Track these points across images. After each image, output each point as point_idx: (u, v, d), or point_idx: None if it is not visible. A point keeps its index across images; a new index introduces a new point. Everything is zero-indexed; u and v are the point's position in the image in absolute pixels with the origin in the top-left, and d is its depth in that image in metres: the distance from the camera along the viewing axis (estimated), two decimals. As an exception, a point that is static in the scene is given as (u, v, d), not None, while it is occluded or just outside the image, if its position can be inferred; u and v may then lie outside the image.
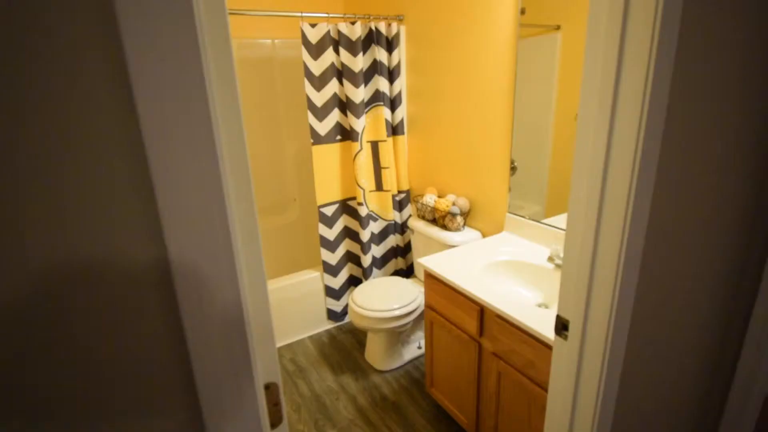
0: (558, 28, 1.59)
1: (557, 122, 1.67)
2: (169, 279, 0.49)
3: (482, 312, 1.48)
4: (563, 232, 1.70)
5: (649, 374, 1.01)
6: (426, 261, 1.70)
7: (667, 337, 1.00)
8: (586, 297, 0.92)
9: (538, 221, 1.81)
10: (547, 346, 1.23)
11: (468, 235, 2.07)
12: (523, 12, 1.71)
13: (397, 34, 2.32)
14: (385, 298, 2.11)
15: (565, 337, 0.98)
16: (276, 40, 2.69)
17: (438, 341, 1.76)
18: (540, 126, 1.74)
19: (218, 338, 0.54)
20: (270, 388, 0.66)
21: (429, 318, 1.77)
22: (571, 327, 0.96)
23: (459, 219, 2.09)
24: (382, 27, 2.25)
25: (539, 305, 1.59)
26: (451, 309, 1.61)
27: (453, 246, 2.05)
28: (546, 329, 1.24)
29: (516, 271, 1.70)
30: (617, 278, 0.86)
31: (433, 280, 1.68)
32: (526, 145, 1.82)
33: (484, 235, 2.12)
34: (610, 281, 0.87)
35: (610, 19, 0.75)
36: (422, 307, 2.15)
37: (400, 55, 2.37)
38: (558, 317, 0.99)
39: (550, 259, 1.65)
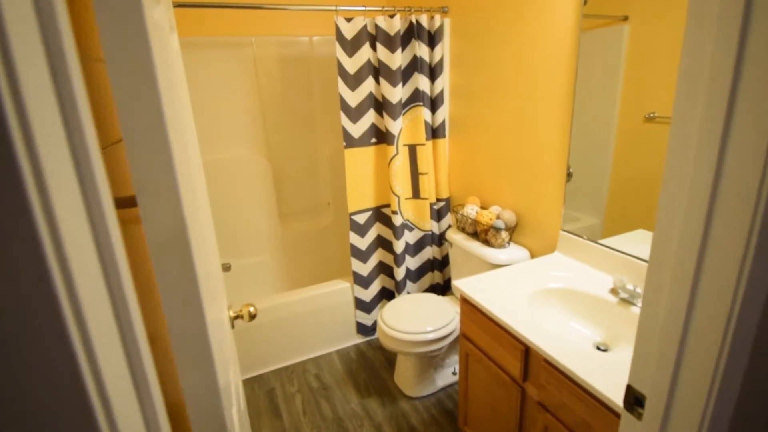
0: (625, 18, 1.36)
1: (622, 124, 1.43)
2: None
3: (527, 352, 1.24)
4: (632, 259, 1.43)
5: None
6: (463, 284, 1.49)
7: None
8: (673, 367, 0.68)
9: (598, 243, 1.54)
10: (609, 408, 0.98)
11: (514, 253, 1.83)
12: (585, 1, 1.46)
13: (441, 28, 2.11)
14: (418, 318, 1.91)
15: (639, 416, 0.74)
16: (314, 37, 2.56)
17: (474, 377, 1.54)
18: (601, 128, 1.49)
19: None
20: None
21: (464, 349, 1.55)
22: (647, 405, 0.72)
23: (504, 234, 1.85)
24: (424, 20, 2.05)
25: (597, 346, 1.33)
26: (490, 344, 1.39)
27: (496, 265, 1.81)
28: (607, 386, 1.00)
29: (570, 302, 1.45)
30: (723, 346, 0.62)
31: (470, 307, 1.46)
32: (583, 149, 1.56)
33: (532, 255, 1.87)
34: (712, 350, 0.63)
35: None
36: (459, 331, 1.94)
37: (444, 50, 2.16)
38: (629, 388, 0.75)
39: (614, 291, 1.38)
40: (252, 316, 1.09)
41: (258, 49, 2.44)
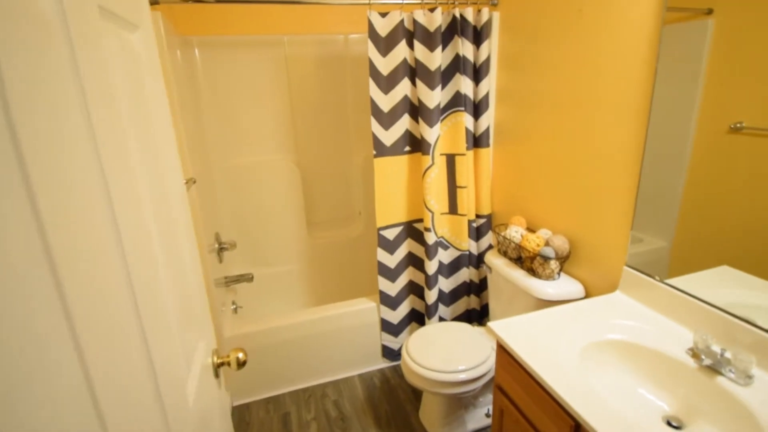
0: (709, 12, 1.12)
1: (700, 134, 1.16)
2: None
3: (578, 429, 0.99)
4: (720, 313, 1.13)
5: None
6: (499, 328, 1.25)
7: None
8: None
9: (676, 288, 1.25)
10: None
11: (564, 287, 1.55)
12: (670, -9, 1.19)
13: (488, 23, 1.86)
14: (449, 353, 1.68)
15: None
16: (351, 35, 2.38)
17: (509, 437, 1.29)
18: (675, 137, 1.22)
19: None
20: None
21: (499, 402, 1.31)
22: None
23: (553, 264, 1.58)
24: (469, 14, 1.81)
25: (668, 420, 1.05)
26: (530, 406, 1.14)
27: (541, 300, 1.55)
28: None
29: (634, 360, 1.17)
30: None
31: (507, 357, 1.22)
32: (652, 159, 1.29)
33: (587, 291, 1.58)
34: None
35: None
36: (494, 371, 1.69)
37: (491, 48, 1.90)
38: None
39: (694, 354, 1.09)
40: (241, 364, 0.92)
41: (290, 49, 2.30)
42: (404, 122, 1.92)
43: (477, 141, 2.01)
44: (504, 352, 1.23)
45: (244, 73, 2.27)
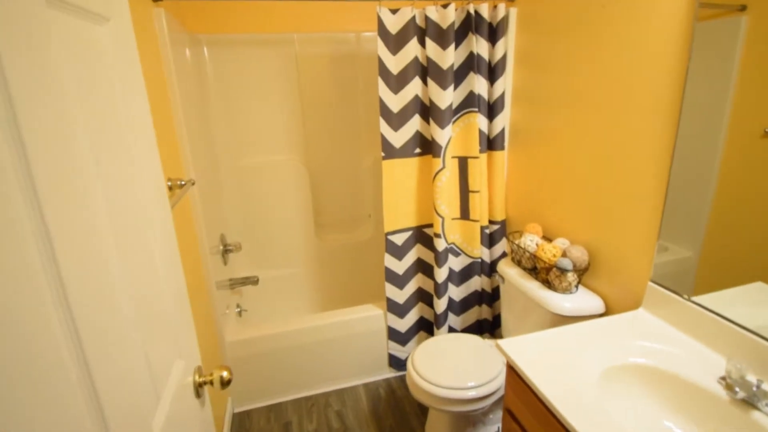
0: (743, 9, 1.03)
1: (732, 137, 1.06)
2: None
3: (595, 466, 0.89)
4: (756, 339, 1.01)
5: None
6: (509, 347, 1.15)
7: None
8: None
9: (703, 306, 1.13)
10: None
11: (582, 301, 1.45)
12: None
13: (505, 19, 1.76)
14: (457, 368, 1.59)
15: None
16: (363, 33, 2.31)
17: (518, 464, 1.20)
18: (704, 140, 1.12)
19: None
20: None
21: (508, 428, 1.22)
22: None
23: (570, 277, 1.48)
24: (485, 10, 1.72)
25: (700, 459, 0.94)
26: (541, 434, 1.05)
27: (557, 314, 1.45)
28: None
29: (659, 387, 1.06)
30: None
31: (517, 380, 1.12)
32: (679, 162, 1.18)
33: (607, 307, 1.47)
34: None
35: None
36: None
37: (507, 46, 1.81)
38: None
39: (727, 385, 0.98)
40: (225, 383, 0.86)
41: (300, 47, 2.24)
42: (415, 123, 1.84)
43: (491, 143, 1.91)
44: (514, 374, 1.13)
45: (253, 72, 2.22)
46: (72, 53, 0.49)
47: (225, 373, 0.86)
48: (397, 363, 2.14)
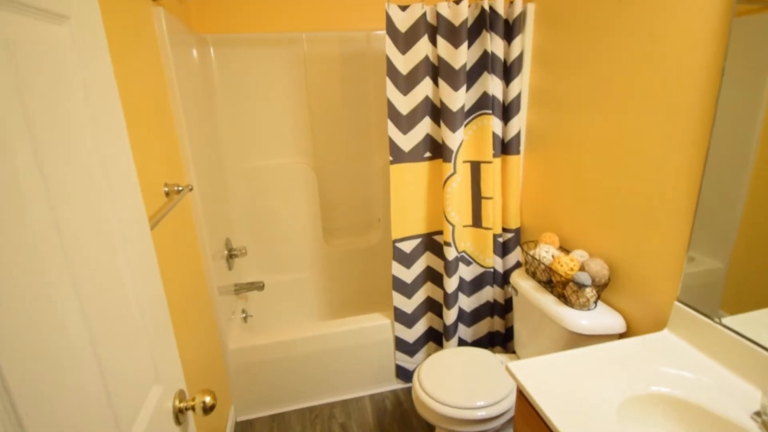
0: None
1: (765, 143, 0.94)
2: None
3: None
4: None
5: None
6: (520, 371, 1.06)
7: None
8: None
9: (735, 332, 1.02)
10: None
11: (601, 319, 1.34)
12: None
13: (522, 16, 1.67)
14: (466, 386, 1.51)
15: None
16: (374, 32, 2.24)
17: (529, 497, 1.11)
18: (735, 146, 1.00)
19: None
20: None
21: (517, 457, 1.13)
22: None
23: (589, 292, 1.37)
24: (500, 6, 1.62)
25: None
26: (553, 470, 0.96)
27: (574, 332, 1.35)
28: None
29: (686, 421, 0.96)
30: None
31: (527, 407, 1.03)
32: (712, 174, 1.07)
33: (629, 326, 1.37)
34: None
35: None
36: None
37: (524, 44, 1.71)
38: None
39: (763, 423, 0.87)
40: (208, 408, 0.80)
41: (309, 47, 2.18)
42: (425, 126, 1.76)
43: (506, 147, 1.81)
44: (524, 400, 1.05)
45: (260, 73, 2.17)
46: (18, 58, 0.43)
47: (208, 399, 0.80)
48: (405, 374, 2.06)
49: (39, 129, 0.46)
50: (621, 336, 1.37)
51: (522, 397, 1.06)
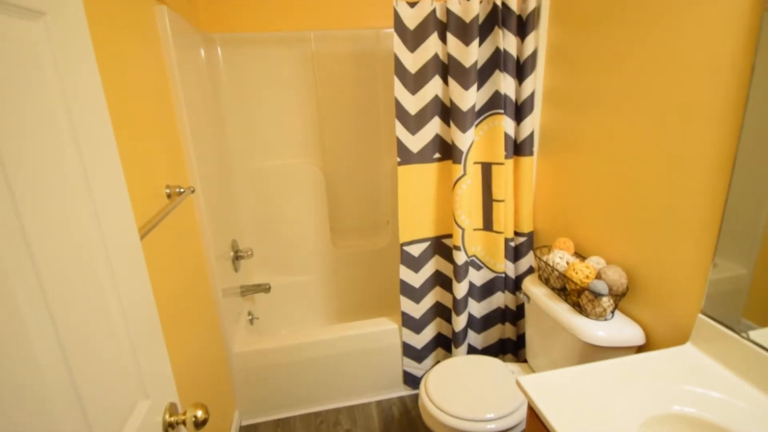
0: None
1: None
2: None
3: None
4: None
5: None
6: (531, 385, 1.01)
7: None
8: None
9: (764, 347, 0.95)
10: None
11: (619, 330, 1.27)
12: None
13: (536, 11, 1.60)
14: (475, 397, 1.45)
15: None
16: (383, 30, 2.19)
17: None
18: (759, 146, 0.93)
19: None
20: None
21: (528, 476, 1.07)
22: None
23: (605, 302, 1.30)
24: (513, 1, 1.56)
25: None
26: (566, 493, 0.89)
27: (589, 343, 1.28)
28: None
29: (713, 447, 0.89)
30: None
31: (539, 425, 0.97)
32: (739, 180, 1.00)
33: (648, 339, 1.29)
34: None
35: None
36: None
37: (538, 41, 1.64)
38: None
39: (805, 451, 0.79)
40: (200, 423, 0.76)
41: (317, 45, 2.15)
42: (434, 126, 1.70)
43: (518, 148, 1.75)
44: (535, 418, 0.99)
45: (268, 72, 2.14)
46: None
47: (200, 413, 0.76)
48: (413, 380, 2.01)
49: (2, 135, 0.43)
50: (639, 349, 1.30)
51: (533, 413, 1.00)
